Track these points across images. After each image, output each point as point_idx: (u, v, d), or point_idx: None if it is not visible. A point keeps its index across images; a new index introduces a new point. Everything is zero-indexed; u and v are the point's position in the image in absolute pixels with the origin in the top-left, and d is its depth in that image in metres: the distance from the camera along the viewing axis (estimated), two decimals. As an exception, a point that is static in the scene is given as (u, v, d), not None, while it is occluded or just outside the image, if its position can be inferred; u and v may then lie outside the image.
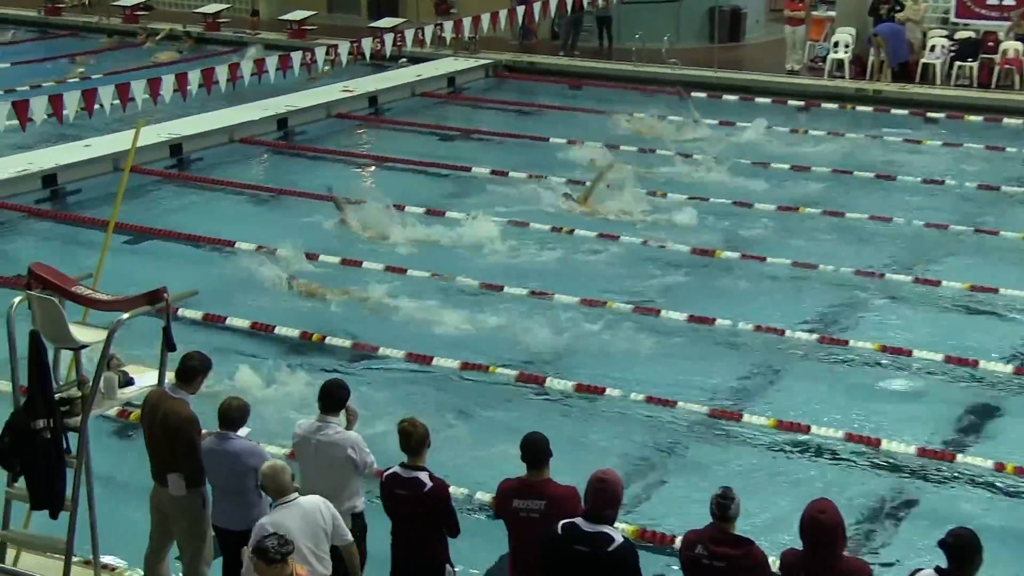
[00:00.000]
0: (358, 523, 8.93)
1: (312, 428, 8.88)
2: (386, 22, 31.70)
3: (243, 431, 8.89)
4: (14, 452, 8.68)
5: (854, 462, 12.06)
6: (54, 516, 8.84)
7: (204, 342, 12.31)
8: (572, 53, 30.76)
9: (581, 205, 19.65)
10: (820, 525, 7.17)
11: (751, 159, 22.39)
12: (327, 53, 26.14)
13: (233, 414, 8.81)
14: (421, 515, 8.39)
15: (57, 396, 8.77)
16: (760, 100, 27.02)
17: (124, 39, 34.38)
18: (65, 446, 8.72)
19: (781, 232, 18.81)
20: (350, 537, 8.46)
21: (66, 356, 9.43)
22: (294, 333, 14.84)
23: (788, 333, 14.82)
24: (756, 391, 13.70)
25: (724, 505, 7.50)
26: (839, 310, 15.84)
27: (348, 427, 8.96)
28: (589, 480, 7.49)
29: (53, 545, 9.12)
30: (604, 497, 7.40)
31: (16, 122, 20.98)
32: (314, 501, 8.25)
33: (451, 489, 8.68)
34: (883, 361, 14.19)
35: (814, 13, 29.62)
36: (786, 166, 22.05)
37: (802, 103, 26.84)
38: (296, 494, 8.20)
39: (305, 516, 8.13)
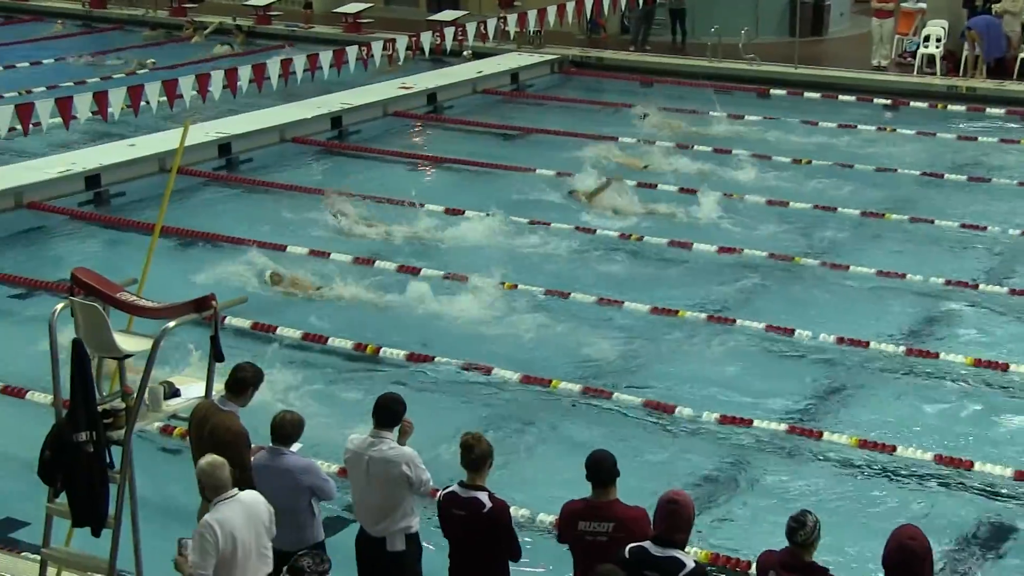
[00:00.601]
0: (413, 544, 8.94)
1: (365, 443, 8.89)
2: (446, 15, 31.82)
3: (295, 446, 8.95)
4: (56, 466, 8.75)
5: (944, 485, 11.93)
6: (96, 534, 8.90)
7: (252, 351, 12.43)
8: (643, 48, 30.70)
9: (584, 199, 20.10)
10: (911, 553, 7.05)
11: (833, 160, 22.23)
12: (384, 48, 26.30)
13: (287, 429, 8.86)
14: (480, 537, 8.40)
15: (100, 408, 8.82)
16: (844, 98, 26.84)
17: (171, 33, 34.76)
18: (108, 460, 8.79)
19: (865, 238, 18.69)
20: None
21: (110, 366, 9.53)
22: (347, 344, 14.92)
23: (873, 345, 14.71)
24: (837, 407, 13.59)
25: (794, 528, 7.46)
26: (928, 322, 15.70)
27: (402, 442, 8.97)
28: (659, 501, 7.46)
29: (95, 564, 9.19)
30: (675, 520, 7.38)
31: (60, 120, 21.30)
32: (255, 496, 8.37)
33: (511, 510, 8.67)
34: (976, 377, 14.04)
35: (903, 5, 29.34)
36: (871, 168, 21.88)
37: (889, 101, 26.62)
38: (236, 490, 8.31)
39: (247, 512, 8.25)
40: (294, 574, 7.37)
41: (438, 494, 8.78)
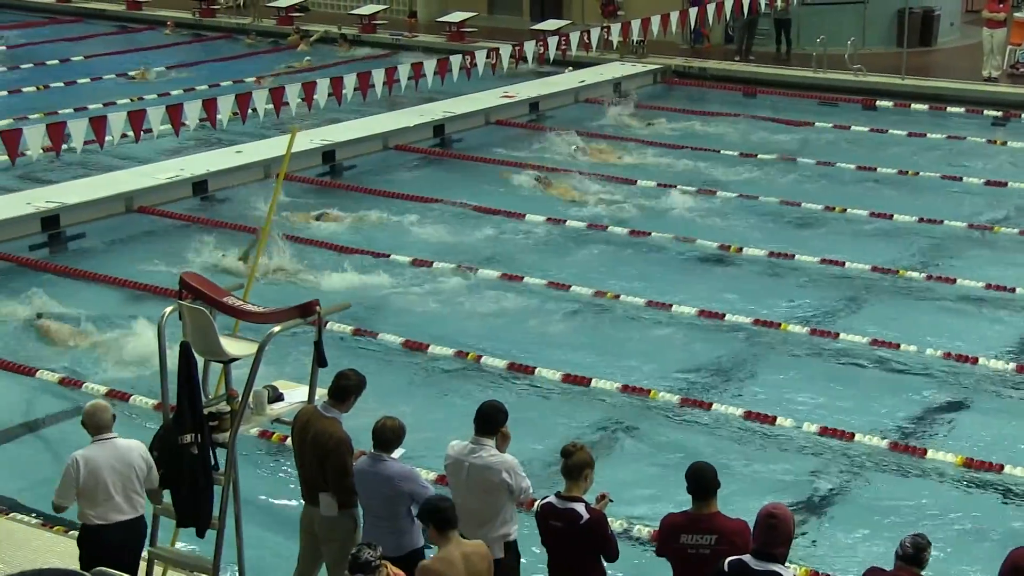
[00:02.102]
0: (511, 552, 8.96)
1: (465, 450, 8.92)
2: (549, 24, 31.88)
3: (397, 452, 9.01)
4: (161, 466, 8.94)
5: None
6: (201, 534, 9.07)
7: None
8: (747, 58, 30.52)
9: (549, 188, 21.02)
10: None
11: (940, 172, 21.93)
12: (488, 56, 26.42)
13: (387, 435, 8.92)
14: (577, 548, 8.40)
15: (206, 411, 8.98)
16: (952, 109, 26.44)
17: (277, 42, 35.21)
18: (213, 462, 8.93)
19: (973, 252, 18.40)
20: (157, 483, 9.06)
21: (215, 369, 9.69)
22: (448, 352, 15.00)
23: (982, 361, 14.48)
24: (942, 425, 13.40)
25: (922, 545, 7.48)
26: (1040, 339, 15.44)
27: (501, 450, 8.99)
28: (759, 515, 7.42)
29: (199, 564, 9.36)
30: (775, 534, 7.33)
31: (170, 126, 21.70)
32: (131, 444, 9.09)
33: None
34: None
35: (1016, 15, 28.82)
36: (979, 181, 21.54)
37: (999, 113, 26.17)
38: (115, 434, 9.07)
39: (117, 455, 8.98)
40: (361, 568, 7.47)
41: (535, 504, 8.80)
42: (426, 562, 8.13)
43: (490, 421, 8.91)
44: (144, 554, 9.45)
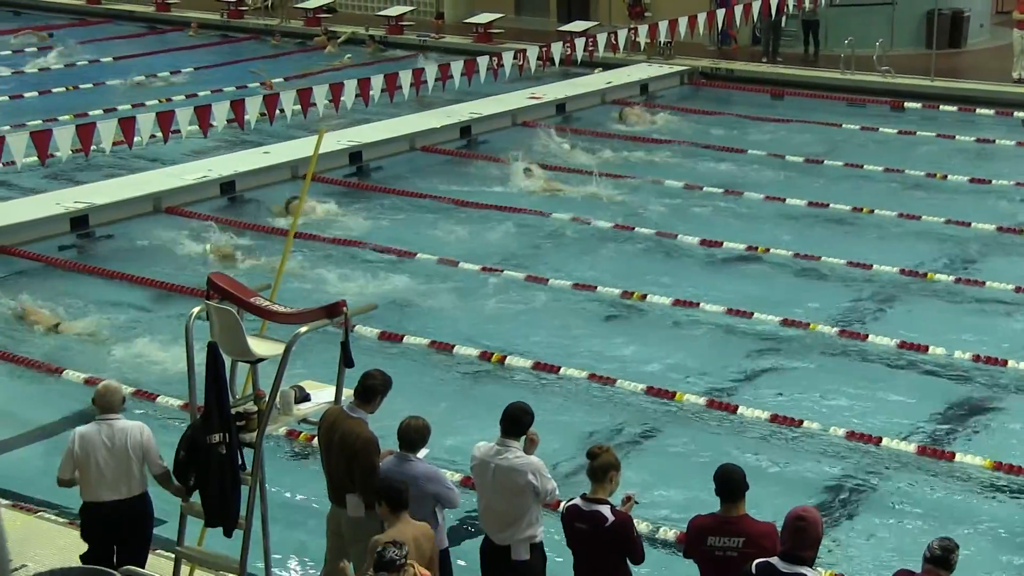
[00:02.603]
0: (537, 553, 8.95)
1: (491, 451, 8.92)
2: (576, 25, 31.86)
3: (422, 452, 9.02)
4: (190, 466, 8.97)
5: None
6: (228, 534, 9.09)
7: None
8: (774, 59, 30.42)
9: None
10: None
11: (969, 174, 21.82)
12: (515, 57, 26.42)
13: (412, 435, 8.94)
14: (603, 550, 8.39)
15: (233, 410, 9.00)
16: (982, 111, 26.30)
17: (305, 43, 35.29)
18: (240, 462, 8.95)
19: (1002, 255, 18.30)
20: (164, 464, 9.29)
21: (243, 369, 9.71)
22: (473, 353, 15.01)
23: (1011, 364, 14.40)
24: (970, 428, 13.33)
25: (950, 548, 7.44)
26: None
27: (528, 452, 8.98)
28: (787, 518, 7.40)
29: (226, 564, 9.37)
30: (803, 536, 7.31)
31: (198, 127, 21.78)
32: (131, 425, 9.36)
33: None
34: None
35: (1047, 16, 28.66)
36: (1009, 183, 21.42)
37: (1030, 115, 26.05)
38: (120, 416, 9.38)
39: (113, 435, 9.27)
40: (386, 566, 7.50)
41: (560, 506, 8.79)
42: (379, 537, 8.27)
43: (516, 422, 8.90)
44: (171, 553, 9.49)
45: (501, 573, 8.92)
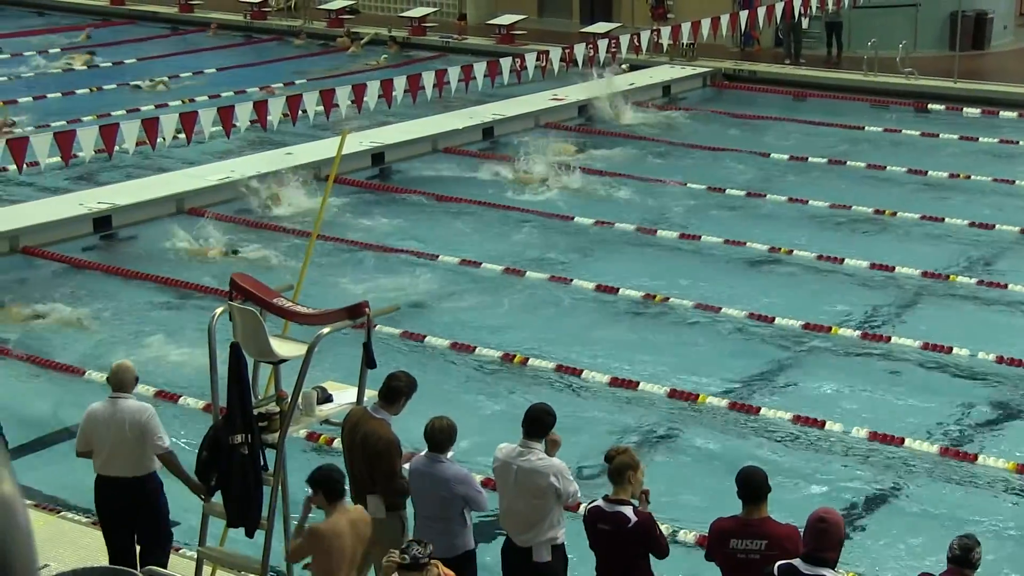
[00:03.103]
0: (559, 555, 8.94)
1: (513, 453, 8.91)
2: (599, 27, 31.84)
3: (450, 452, 9.02)
4: (212, 466, 8.99)
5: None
6: (250, 534, 9.11)
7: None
8: (797, 61, 30.33)
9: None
10: None
11: (992, 175, 21.73)
12: (538, 59, 26.42)
13: (439, 435, 8.92)
14: (626, 551, 8.38)
15: (255, 411, 9.02)
16: (1005, 114, 26.20)
17: (328, 44, 35.35)
18: (262, 463, 8.97)
19: (1021, 256, 18.23)
20: (167, 444, 9.47)
21: (265, 370, 9.73)
22: (495, 354, 15.00)
23: (1033, 366, 14.37)
24: (994, 429, 13.28)
25: (969, 547, 7.41)
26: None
27: (550, 455, 8.97)
28: (809, 519, 7.37)
29: (248, 564, 9.40)
30: (825, 538, 7.27)
31: (221, 128, 21.84)
32: (135, 406, 9.48)
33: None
34: None
35: (1070, 17, 28.58)
36: (1033, 185, 21.37)
37: (1054, 117, 25.94)
38: (126, 395, 9.52)
39: (114, 414, 9.43)
40: (411, 566, 7.53)
41: (581, 507, 8.77)
42: (317, 525, 8.41)
43: (538, 424, 8.89)
44: (193, 554, 9.51)
45: (522, 574, 8.92)
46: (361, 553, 8.62)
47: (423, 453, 9.03)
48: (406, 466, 9.27)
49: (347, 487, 8.74)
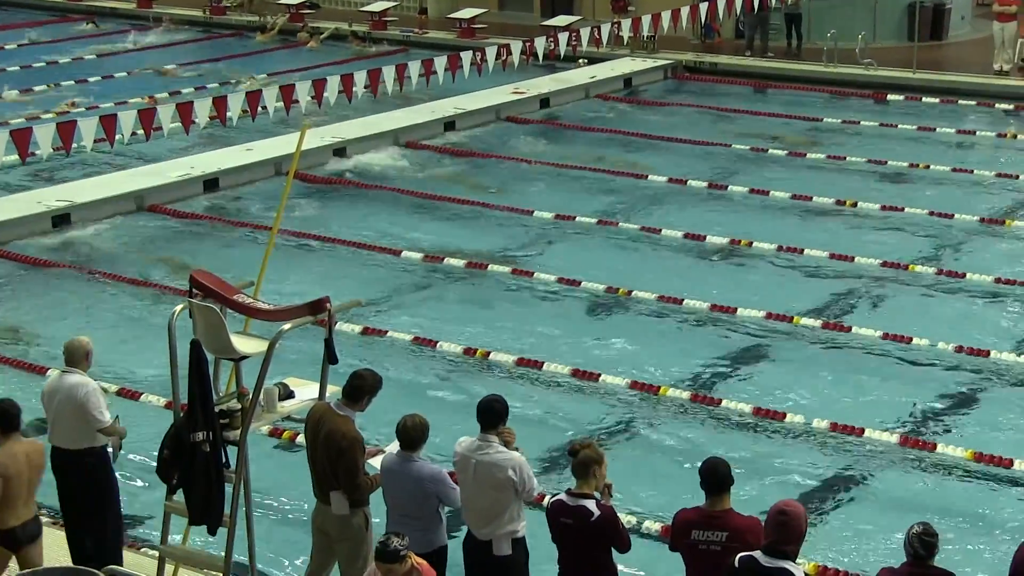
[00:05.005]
0: (519, 549, 8.93)
1: (472, 447, 8.90)
2: (560, 20, 31.86)
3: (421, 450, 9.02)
4: (173, 464, 8.96)
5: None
6: (212, 532, 9.09)
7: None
8: (764, 53, 30.29)
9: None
10: None
11: (950, 165, 21.89)
12: (498, 54, 26.41)
13: (411, 433, 8.91)
14: (589, 544, 8.40)
15: (217, 408, 9.00)
16: (964, 102, 26.39)
17: (287, 39, 35.21)
18: (224, 460, 8.95)
19: (983, 246, 18.37)
20: (104, 420, 9.68)
21: (227, 367, 9.71)
22: (457, 348, 15.01)
23: (993, 354, 14.46)
24: (953, 419, 13.39)
25: (930, 543, 7.38)
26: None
27: (507, 446, 8.98)
28: (769, 512, 7.40)
29: (211, 562, 9.38)
30: (786, 531, 7.30)
31: (180, 124, 21.75)
32: (74, 380, 9.69)
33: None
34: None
35: (1027, 8, 28.75)
36: (991, 174, 21.51)
37: (1011, 106, 26.11)
38: (74, 371, 9.73)
39: (57, 389, 9.74)
40: (388, 557, 7.55)
41: (545, 500, 8.78)
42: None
43: (491, 415, 8.87)
44: (155, 552, 9.49)
45: (483, 568, 8.93)
46: (37, 481, 9.37)
47: (395, 452, 9.02)
48: (373, 461, 9.27)
49: (22, 418, 9.50)
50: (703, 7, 29.23)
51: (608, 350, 15.08)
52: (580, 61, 29.57)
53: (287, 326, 8.91)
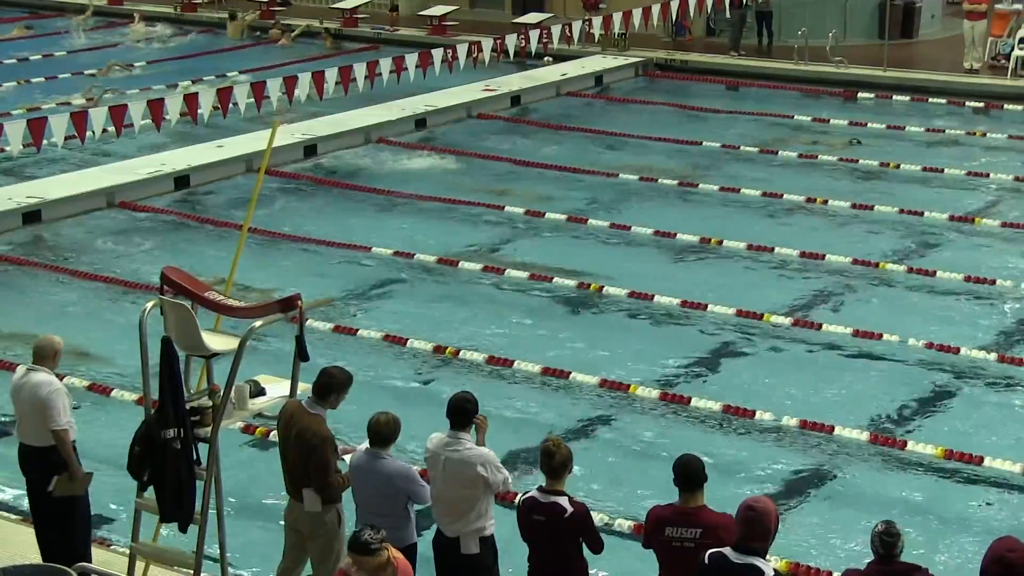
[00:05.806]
0: (487, 547, 8.92)
1: (442, 443, 8.90)
2: (531, 18, 31.88)
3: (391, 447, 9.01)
4: (144, 462, 8.95)
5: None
6: (183, 529, 9.08)
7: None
8: (738, 51, 30.33)
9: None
10: (1010, 565, 6.83)
11: (921, 163, 22.00)
12: (469, 51, 26.41)
13: (383, 430, 8.91)
14: (561, 541, 8.41)
15: (188, 406, 8.99)
16: (934, 101, 26.52)
17: (259, 36, 35.10)
18: (195, 457, 8.94)
19: (954, 244, 18.48)
20: (60, 423, 9.52)
21: (197, 364, 9.69)
22: (428, 346, 15.01)
23: (963, 351, 14.54)
24: (923, 416, 13.47)
25: (890, 543, 7.38)
26: (1021, 329, 15.49)
27: (479, 440, 8.98)
28: (739, 508, 7.41)
29: (182, 559, 9.37)
30: (754, 527, 7.32)
31: (151, 121, 21.67)
32: (39, 378, 9.58)
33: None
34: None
35: (997, 7, 28.85)
36: (961, 172, 21.63)
37: (981, 104, 26.26)
38: (40, 369, 9.62)
39: (21, 389, 9.66)
40: (361, 549, 7.52)
41: (517, 498, 8.78)
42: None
43: (460, 412, 8.87)
44: (126, 550, 9.46)
45: (451, 565, 8.92)
46: None
47: (364, 449, 9.01)
48: (346, 459, 9.27)
49: None
50: (674, 5, 29.24)
51: (578, 347, 15.10)
52: (546, 60, 29.57)
53: (258, 323, 8.92)
